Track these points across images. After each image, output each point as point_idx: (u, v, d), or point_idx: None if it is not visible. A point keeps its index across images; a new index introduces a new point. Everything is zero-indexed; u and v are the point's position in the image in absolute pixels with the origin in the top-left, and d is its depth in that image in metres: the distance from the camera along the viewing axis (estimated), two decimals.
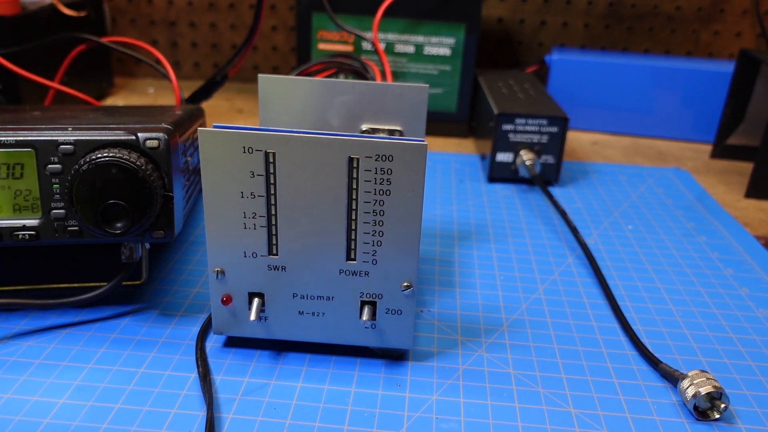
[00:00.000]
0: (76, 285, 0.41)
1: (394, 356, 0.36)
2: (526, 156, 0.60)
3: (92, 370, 0.34)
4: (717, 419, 0.33)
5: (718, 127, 0.72)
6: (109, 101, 0.82)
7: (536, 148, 0.60)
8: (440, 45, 0.71)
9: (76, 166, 0.34)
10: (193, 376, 0.34)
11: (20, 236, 0.35)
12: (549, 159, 0.61)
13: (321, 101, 0.41)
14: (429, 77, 0.73)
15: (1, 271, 0.43)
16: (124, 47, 0.60)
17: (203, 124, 0.51)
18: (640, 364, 0.37)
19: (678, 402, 0.34)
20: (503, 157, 0.61)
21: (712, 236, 0.53)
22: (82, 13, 0.72)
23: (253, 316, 0.34)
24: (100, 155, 0.34)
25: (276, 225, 0.33)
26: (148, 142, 0.35)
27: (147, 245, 0.39)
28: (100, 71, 0.81)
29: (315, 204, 0.32)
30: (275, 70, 0.92)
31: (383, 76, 0.69)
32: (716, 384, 0.33)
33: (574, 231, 0.50)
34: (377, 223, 0.32)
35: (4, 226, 0.35)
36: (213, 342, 0.37)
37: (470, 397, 0.34)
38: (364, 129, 0.41)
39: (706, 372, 0.34)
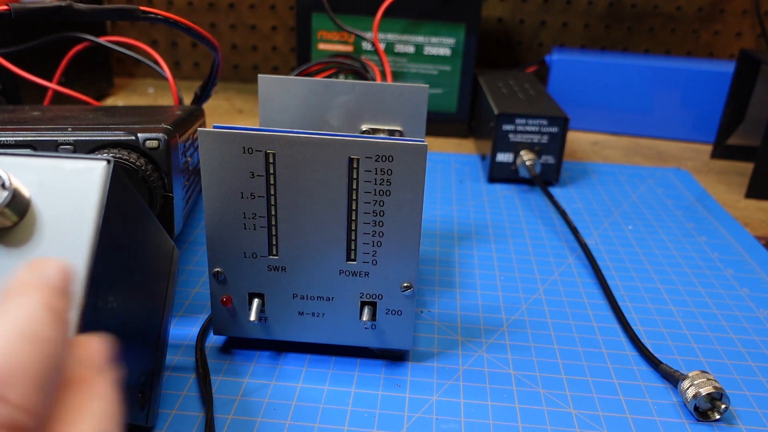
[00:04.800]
0: None
1: (394, 357, 0.36)
2: (526, 156, 0.60)
3: None
4: (717, 420, 0.33)
5: (718, 127, 0.72)
6: (109, 101, 0.82)
7: (536, 149, 0.60)
8: (440, 45, 0.71)
9: None
10: (193, 376, 0.34)
11: None
12: (549, 159, 0.61)
13: (321, 101, 0.41)
14: (429, 77, 0.73)
15: None
16: (123, 47, 0.60)
17: (203, 124, 0.51)
18: (641, 364, 0.37)
19: (678, 402, 0.34)
20: (503, 157, 0.61)
21: (712, 236, 0.53)
22: None
23: (253, 317, 0.34)
24: (99, 155, 0.34)
25: (276, 225, 0.33)
26: (148, 142, 0.35)
27: None
28: (100, 71, 0.81)
29: (315, 204, 0.32)
30: (275, 70, 0.92)
31: (383, 76, 0.69)
32: (717, 384, 0.33)
33: (574, 231, 0.50)
34: (377, 223, 0.32)
35: None
36: (213, 343, 0.37)
37: (470, 398, 0.34)
38: (364, 129, 0.41)
39: (707, 372, 0.34)
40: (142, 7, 0.36)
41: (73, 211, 0.23)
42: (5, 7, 0.34)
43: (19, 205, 0.22)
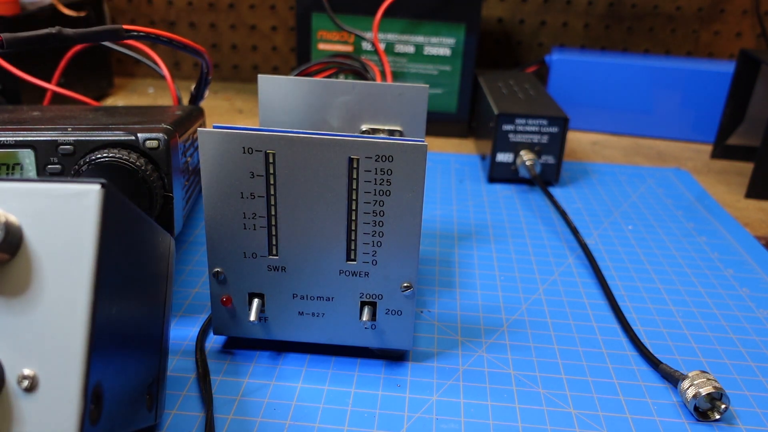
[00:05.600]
0: None
1: (394, 357, 0.36)
2: (526, 156, 0.60)
3: None
4: (717, 420, 0.33)
5: (718, 127, 0.72)
6: (109, 101, 0.82)
7: (536, 149, 0.60)
8: (440, 45, 0.71)
9: (76, 167, 0.34)
10: (193, 376, 0.34)
11: None
12: (549, 159, 0.61)
13: (321, 101, 0.41)
14: (429, 77, 0.73)
15: None
16: (123, 47, 0.60)
17: (203, 124, 0.51)
18: (641, 364, 0.37)
19: (678, 402, 0.34)
20: (503, 157, 0.61)
21: (712, 236, 0.53)
22: (82, 13, 0.72)
23: (252, 317, 0.34)
24: (99, 155, 0.34)
25: (276, 225, 0.33)
26: (147, 142, 0.35)
27: None
28: (100, 71, 0.81)
29: (315, 204, 0.32)
30: (275, 70, 0.92)
31: (383, 76, 0.69)
32: (716, 384, 0.33)
33: (574, 231, 0.50)
34: (377, 223, 0.32)
35: None
36: (213, 343, 0.37)
37: (470, 398, 0.34)
38: (364, 129, 0.41)
39: (707, 372, 0.34)
40: (125, 26, 0.37)
41: (69, 242, 0.21)
42: None
43: (12, 241, 0.21)
